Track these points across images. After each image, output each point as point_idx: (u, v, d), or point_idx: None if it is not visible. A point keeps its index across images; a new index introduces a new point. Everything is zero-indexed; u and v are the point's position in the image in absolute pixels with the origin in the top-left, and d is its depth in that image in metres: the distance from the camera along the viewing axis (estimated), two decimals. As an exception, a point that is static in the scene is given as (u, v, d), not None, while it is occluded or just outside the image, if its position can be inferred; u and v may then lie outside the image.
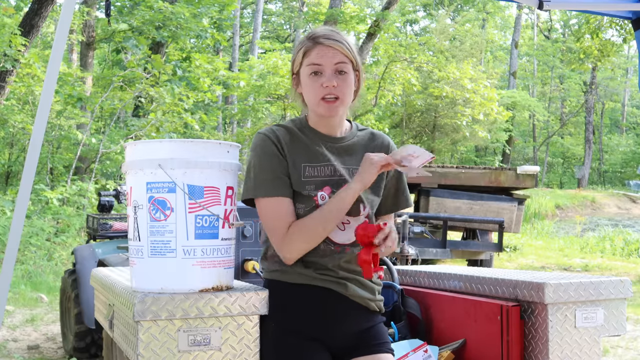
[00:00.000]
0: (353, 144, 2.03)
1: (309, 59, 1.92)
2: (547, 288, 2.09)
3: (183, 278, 1.78)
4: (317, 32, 1.95)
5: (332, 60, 1.90)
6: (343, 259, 1.97)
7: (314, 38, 1.93)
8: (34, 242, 9.08)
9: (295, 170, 1.95)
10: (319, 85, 1.90)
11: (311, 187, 1.95)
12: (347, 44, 1.93)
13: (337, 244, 1.97)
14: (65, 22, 2.74)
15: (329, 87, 1.89)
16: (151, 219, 1.78)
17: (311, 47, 1.92)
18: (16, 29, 9.96)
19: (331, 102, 1.90)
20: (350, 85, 1.93)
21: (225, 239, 1.85)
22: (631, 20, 3.34)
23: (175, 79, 12.75)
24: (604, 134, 38.07)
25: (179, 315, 1.74)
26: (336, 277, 1.97)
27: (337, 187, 1.95)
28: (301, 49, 1.95)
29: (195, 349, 1.75)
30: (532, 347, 2.17)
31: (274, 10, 33.99)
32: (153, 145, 1.82)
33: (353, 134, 2.05)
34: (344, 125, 2.04)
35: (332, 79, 1.89)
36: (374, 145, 2.06)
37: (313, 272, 1.95)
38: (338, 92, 1.90)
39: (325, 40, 1.91)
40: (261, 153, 1.93)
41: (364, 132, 2.09)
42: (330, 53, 1.90)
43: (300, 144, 1.97)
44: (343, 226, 1.97)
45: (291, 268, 1.95)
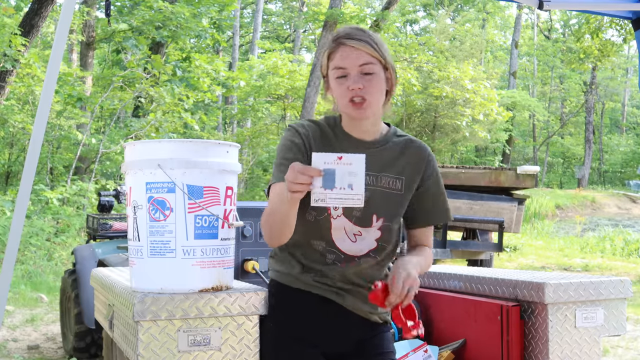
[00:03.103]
0: (384, 150, 1.92)
1: (333, 62, 1.83)
2: (547, 288, 2.09)
3: (183, 278, 1.78)
4: (340, 32, 1.85)
5: (357, 61, 1.80)
6: (349, 270, 1.90)
7: (337, 39, 1.84)
8: (34, 242, 9.08)
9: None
10: (345, 88, 1.81)
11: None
12: (372, 43, 1.82)
13: (345, 255, 1.88)
14: (65, 22, 2.74)
15: (355, 89, 1.79)
16: (151, 219, 1.78)
17: (334, 49, 1.84)
18: (16, 29, 9.96)
19: (359, 105, 1.81)
20: (377, 86, 1.82)
21: (224, 239, 1.85)
22: (631, 20, 3.34)
23: (175, 79, 12.75)
24: (604, 134, 38.07)
25: (179, 316, 1.74)
26: (334, 286, 1.90)
27: None
28: (325, 51, 1.87)
29: (195, 349, 1.75)
30: (532, 347, 2.17)
31: (274, 10, 33.99)
32: (152, 145, 1.82)
33: (387, 139, 1.94)
34: (378, 128, 1.93)
35: (357, 82, 1.79)
36: (409, 153, 1.95)
37: (311, 279, 1.90)
38: (365, 94, 1.80)
39: (348, 41, 1.81)
40: (284, 143, 1.88)
41: (402, 138, 1.96)
42: (354, 54, 1.80)
43: (328, 144, 1.89)
44: (354, 237, 1.88)
45: (292, 270, 1.91)
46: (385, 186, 1.90)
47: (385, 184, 1.91)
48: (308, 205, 1.79)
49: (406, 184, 1.93)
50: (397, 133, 1.97)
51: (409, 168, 1.93)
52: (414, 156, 1.95)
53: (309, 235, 1.87)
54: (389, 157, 1.92)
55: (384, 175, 1.91)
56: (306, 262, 1.90)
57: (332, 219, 1.86)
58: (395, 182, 1.92)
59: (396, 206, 1.92)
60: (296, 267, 1.91)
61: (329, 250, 1.88)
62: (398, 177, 1.92)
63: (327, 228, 1.86)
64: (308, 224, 1.85)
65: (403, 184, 1.93)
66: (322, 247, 1.88)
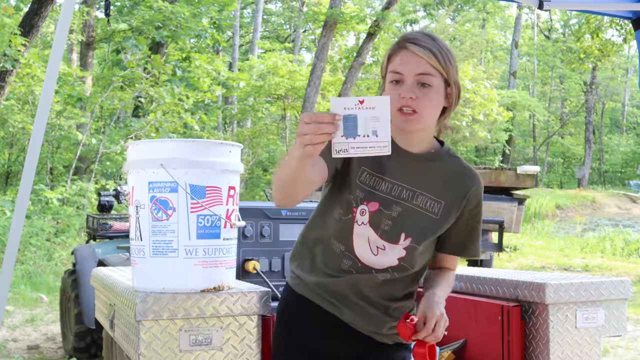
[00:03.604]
0: (429, 167, 1.78)
1: (392, 65, 1.71)
2: (548, 288, 2.09)
3: (185, 278, 1.78)
4: (408, 35, 1.73)
5: (415, 69, 1.67)
6: (363, 281, 1.78)
7: (401, 41, 1.72)
8: (34, 242, 9.08)
9: (354, 169, 1.76)
10: (397, 95, 1.67)
11: (360, 194, 1.75)
12: (437, 53, 1.68)
13: (363, 264, 1.77)
14: (65, 22, 2.74)
15: (406, 98, 1.66)
16: (153, 218, 1.78)
17: (396, 52, 1.71)
18: (16, 29, 9.96)
19: (408, 115, 1.67)
20: (432, 100, 1.68)
21: (227, 238, 1.85)
22: (631, 20, 3.35)
23: (175, 79, 12.75)
24: (604, 133, 38.08)
25: (181, 315, 1.74)
26: (334, 298, 1.80)
27: (385, 207, 1.74)
28: (388, 52, 1.75)
29: (196, 349, 1.75)
30: (532, 347, 2.17)
31: (274, 10, 33.99)
32: (155, 144, 1.82)
33: (436, 156, 1.80)
34: (428, 144, 1.80)
35: (411, 90, 1.66)
36: (455, 177, 1.80)
37: (314, 285, 1.81)
38: (416, 106, 1.67)
39: (411, 46, 1.68)
40: None
41: (452, 160, 1.82)
42: (414, 61, 1.67)
43: None
44: (376, 250, 1.76)
45: (302, 270, 1.84)
46: (420, 206, 1.77)
47: (421, 204, 1.77)
48: (339, 201, 1.75)
49: (444, 209, 1.79)
50: (449, 152, 1.83)
51: (451, 193, 1.79)
52: (460, 182, 1.80)
53: (331, 234, 1.78)
54: (432, 176, 1.78)
55: (422, 194, 1.78)
56: (320, 262, 1.81)
57: (355, 224, 1.75)
58: (433, 205, 1.78)
59: (427, 229, 1.78)
60: (306, 265, 1.83)
61: (347, 255, 1.78)
62: (436, 200, 1.78)
63: (349, 231, 1.75)
64: (333, 221, 1.77)
65: (441, 208, 1.78)
66: (341, 250, 1.78)
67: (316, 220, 1.84)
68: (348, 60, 18.10)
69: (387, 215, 1.75)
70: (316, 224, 1.83)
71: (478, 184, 1.82)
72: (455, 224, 1.81)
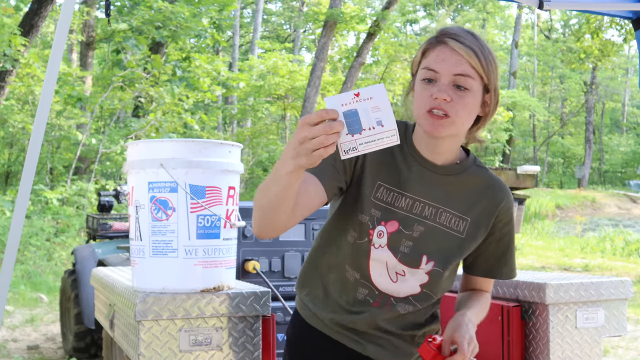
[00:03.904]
0: (455, 180, 1.59)
1: (426, 61, 1.50)
2: (548, 288, 2.09)
3: (185, 278, 1.78)
4: (448, 29, 1.51)
5: (453, 68, 1.46)
6: (381, 314, 1.60)
7: (439, 35, 1.50)
8: (34, 242, 9.09)
9: (367, 185, 1.56)
10: (428, 94, 1.47)
11: (377, 214, 1.56)
12: (480, 53, 1.47)
13: (380, 292, 1.59)
14: (65, 22, 2.73)
15: (439, 99, 1.45)
16: (153, 218, 1.78)
17: (432, 47, 1.50)
18: (16, 29, 9.97)
19: (438, 118, 1.46)
20: (468, 106, 1.47)
21: (226, 239, 1.85)
22: (631, 20, 3.34)
23: (175, 79, 12.76)
24: (604, 133, 38.10)
25: (181, 315, 1.74)
26: (354, 332, 1.63)
27: (406, 226, 1.56)
28: (422, 46, 1.53)
29: (196, 349, 1.75)
30: (532, 347, 2.17)
31: (274, 10, 34.00)
32: (155, 144, 1.82)
33: (463, 168, 1.60)
34: (454, 153, 1.59)
35: (445, 91, 1.45)
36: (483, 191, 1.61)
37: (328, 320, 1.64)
38: (449, 109, 1.45)
39: (451, 42, 1.47)
40: None
41: (480, 172, 1.62)
42: (453, 60, 1.46)
43: (389, 156, 1.56)
44: (395, 276, 1.57)
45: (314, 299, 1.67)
46: (444, 224, 1.58)
47: (445, 222, 1.58)
48: (352, 223, 1.57)
49: (471, 227, 1.60)
50: (475, 162, 1.63)
51: (478, 209, 1.60)
52: (489, 196, 1.61)
53: (345, 260, 1.60)
54: (458, 191, 1.59)
55: (446, 210, 1.58)
56: (334, 293, 1.63)
57: (372, 247, 1.56)
58: (458, 222, 1.59)
59: (452, 250, 1.59)
60: (318, 297, 1.66)
61: (362, 283, 1.60)
62: (462, 217, 1.59)
63: (364, 256, 1.57)
64: (346, 245, 1.59)
65: (467, 226, 1.59)
66: (356, 278, 1.60)
67: (327, 242, 1.64)
68: (348, 60, 18.11)
69: (407, 235, 1.56)
70: (327, 247, 1.64)
71: (507, 198, 1.63)
72: (485, 243, 1.64)
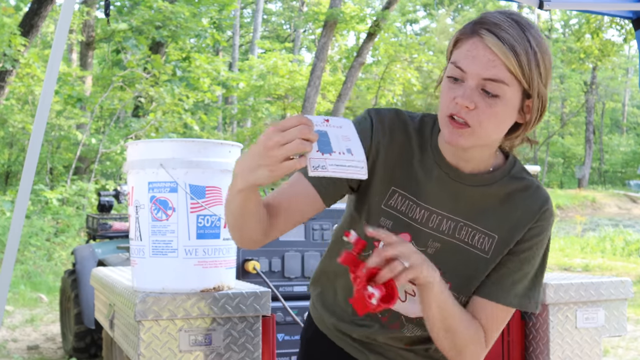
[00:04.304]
0: (483, 191, 1.33)
1: (456, 54, 1.24)
2: (548, 289, 2.09)
3: (185, 278, 1.78)
4: (488, 16, 1.22)
5: (483, 71, 1.19)
6: (388, 334, 1.41)
7: (476, 24, 1.22)
8: (34, 242, 9.09)
9: (378, 190, 1.34)
10: (452, 97, 1.22)
11: (387, 223, 1.34)
12: (522, 52, 1.18)
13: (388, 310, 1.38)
14: (65, 22, 2.73)
15: (460, 105, 1.20)
16: (153, 218, 1.78)
17: (465, 37, 1.23)
18: (16, 29, 9.97)
19: (458, 127, 1.22)
20: (497, 116, 1.21)
21: (226, 239, 1.85)
22: (631, 20, 3.34)
23: (175, 79, 12.77)
24: (604, 133, 38.11)
25: (181, 315, 1.74)
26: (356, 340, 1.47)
27: (419, 241, 1.34)
28: (456, 33, 1.27)
29: (196, 349, 1.75)
30: (532, 347, 2.17)
31: (274, 10, 34.00)
32: (155, 144, 1.82)
33: (495, 177, 1.33)
34: (487, 160, 1.33)
35: (469, 97, 1.20)
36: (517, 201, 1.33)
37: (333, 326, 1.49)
38: (470, 119, 1.21)
39: (488, 36, 1.19)
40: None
41: (517, 180, 1.35)
42: (485, 59, 1.19)
43: (407, 157, 1.34)
44: (405, 295, 1.37)
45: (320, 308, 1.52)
46: (465, 241, 1.34)
47: (467, 238, 1.34)
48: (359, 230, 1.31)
49: (497, 245, 1.33)
50: (513, 171, 1.35)
51: (508, 223, 1.33)
52: (522, 207, 1.33)
53: None
54: (486, 203, 1.33)
55: (469, 225, 1.34)
56: (342, 299, 1.46)
57: None
58: (483, 240, 1.33)
59: (473, 272, 1.34)
60: (328, 299, 1.50)
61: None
62: (489, 234, 1.33)
63: None
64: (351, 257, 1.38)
65: (493, 244, 1.33)
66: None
67: (337, 244, 1.45)
68: (348, 60, 18.11)
69: (421, 251, 1.30)
70: (337, 250, 1.38)
71: (547, 206, 1.34)
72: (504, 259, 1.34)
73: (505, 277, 1.33)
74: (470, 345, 1.31)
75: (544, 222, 1.33)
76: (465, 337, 1.30)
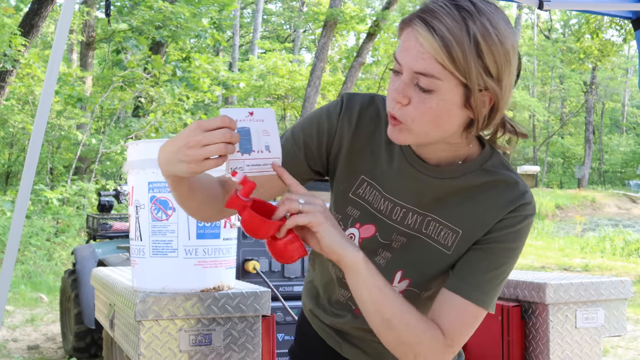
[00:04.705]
0: (450, 184, 1.23)
1: (398, 45, 1.15)
2: (548, 288, 2.09)
3: (185, 278, 1.78)
4: (428, 3, 1.11)
5: (413, 64, 1.09)
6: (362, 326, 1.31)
7: (415, 12, 1.12)
8: (34, 242, 9.09)
9: (343, 178, 1.29)
10: (391, 90, 1.15)
11: (354, 213, 1.29)
12: (453, 43, 1.05)
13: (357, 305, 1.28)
14: (65, 22, 2.73)
15: (395, 101, 1.12)
16: (153, 218, 1.78)
17: (404, 27, 1.13)
18: (16, 29, 9.97)
19: (395, 124, 1.15)
20: (431, 113, 1.11)
21: (226, 239, 1.85)
22: (631, 20, 3.34)
23: (175, 79, 12.77)
24: (604, 134, 38.11)
25: (181, 315, 1.74)
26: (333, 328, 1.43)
27: (383, 234, 1.27)
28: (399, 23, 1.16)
29: (196, 349, 1.75)
30: (532, 347, 2.17)
31: (274, 10, 34.00)
32: (155, 144, 1.82)
33: (463, 170, 1.22)
34: (453, 152, 1.22)
35: (402, 92, 1.11)
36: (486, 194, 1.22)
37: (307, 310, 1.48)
38: (402, 115, 1.13)
39: (419, 25, 1.08)
40: (315, 112, 1.30)
41: (489, 175, 1.22)
42: (415, 51, 1.08)
43: (373, 146, 1.27)
44: None
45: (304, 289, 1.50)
46: (431, 236, 1.25)
47: (434, 234, 1.25)
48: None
49: (460, 242, 1.23)
50: (487, 164, 1.23)
51: (472, 219, 1.22)
52: (488, 202, 1.21)
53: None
54: (452, 196, 1.24)
55: (436, 220, 1.25)
56: (320, 284, 1.43)
57: None
58: (447, 235, 1.24)
59: (432, 269, 1.26)
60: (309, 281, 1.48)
61: (344, 284, 1.32)
62: (453, 229, 1.24)
63: None
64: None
65: (456, 240, 1.24)
66: (338, 276, 1.35)
67: None
68: (348, 60, 18.11)
69: (385, 245, 1.28)
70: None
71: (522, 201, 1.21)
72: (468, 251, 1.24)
73: (465, 267, 1.21)
74: (424, 343, 1.18)
75: (515, 219, 1.20)
76: (414, 332, 1.17)
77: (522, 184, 1.24)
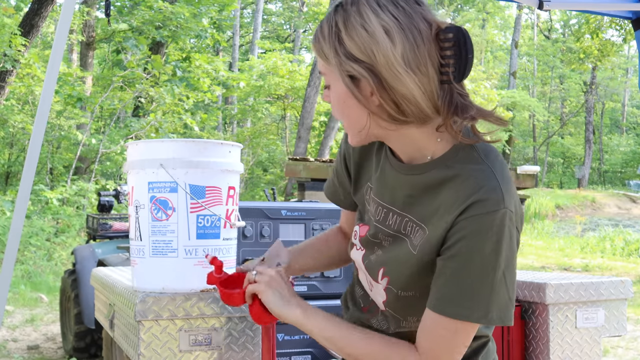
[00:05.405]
0: (414, 181, 1.20)
1: None
2: (548, 288, 2.09)
3: (184, 278, 1.78)
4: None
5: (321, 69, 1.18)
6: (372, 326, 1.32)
7: None
8: (34, 242, 9.09)
9: (360, 187, 1.36)
10: None
11: (359, 214, 1.37)
12: (320, 37, 1.12)
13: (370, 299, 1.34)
14: (65, 22, 2.73)
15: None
16: (153, 218, 1.78)
17: None
18: (16, 29, 9.97)
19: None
20: (338, 107, 1.16)
21: (226, 239, 1.85)
22: (631, 20, 3.34)
23: (175, 79, 12.76)
24: (604, 134, 38.10)
25: (181, 315, 1.74)
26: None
27: (373, 233, 1.29)
28: None
29: (196, 349, 1.75)
30: (532, 347, 2.17)
31: (274, 10, 33.99)
32: (155, 144, 1.82)
33: (428, 166, 1.18)
34: (422, 150, 1.18)
35: (325, 91, 1.20)
36: (445, 190, 1.15)
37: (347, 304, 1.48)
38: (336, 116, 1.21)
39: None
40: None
41: (448, 170, 1.16)
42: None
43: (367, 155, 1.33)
44: (370, 285, 1.31)
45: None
46: (408, 235, 1.22)
47: (410, 233, 1.22)
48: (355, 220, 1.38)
49: (425, 241, 1.17)
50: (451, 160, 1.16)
51: (436, 217, 1.16)
52: (449, 197, 1.14)
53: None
54: (417, 194, 1.20)
55: (410, 219, 1.22)
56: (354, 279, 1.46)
57: (355, 248, 1.35)
58: (417, 234, 1.20)
59: (405, 268, 1.20)
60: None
61: (357, 281, 1.39)
62: (422, 228, 1.19)
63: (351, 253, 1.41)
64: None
65: (422, 239, 1.18)
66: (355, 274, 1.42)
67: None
68: (348, 60, 18.04)
69: (377, 243, 1.28)
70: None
71: (476, 195, 1.10)
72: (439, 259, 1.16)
73: (435, 280, 1.14)
74: None
75: (466, 221, 1.10)
76: (379, 357, 1.19)
77: (483, 176, 1.12)
